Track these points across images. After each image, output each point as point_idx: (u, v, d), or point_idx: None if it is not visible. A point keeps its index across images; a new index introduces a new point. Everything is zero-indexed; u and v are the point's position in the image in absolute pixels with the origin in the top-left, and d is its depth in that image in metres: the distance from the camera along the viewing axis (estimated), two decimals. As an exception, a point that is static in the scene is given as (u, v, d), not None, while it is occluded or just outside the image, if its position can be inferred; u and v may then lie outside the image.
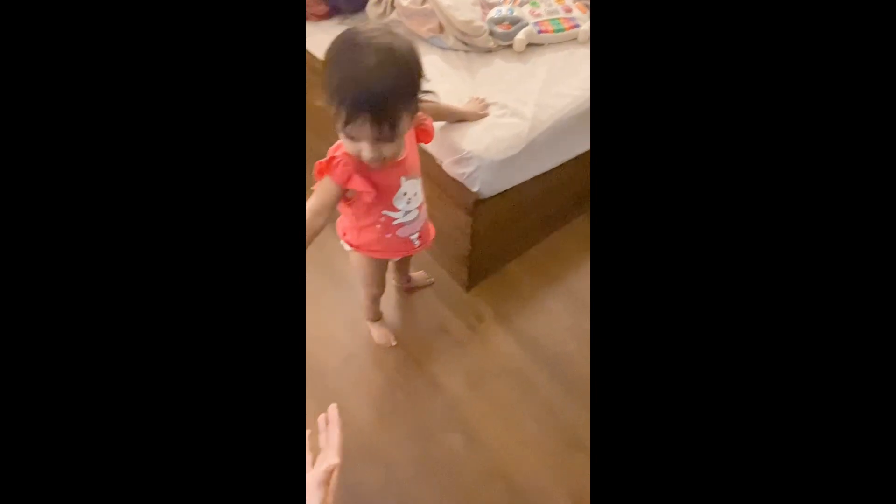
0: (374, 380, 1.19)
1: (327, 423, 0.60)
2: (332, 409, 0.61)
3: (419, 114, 0.78)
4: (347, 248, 0.97)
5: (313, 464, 0.58)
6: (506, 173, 1.04)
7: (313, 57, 1.37)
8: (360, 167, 0.76)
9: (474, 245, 1.18)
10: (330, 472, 0.53)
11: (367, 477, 1.02)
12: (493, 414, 1.12)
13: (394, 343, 1.21)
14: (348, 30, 0.68)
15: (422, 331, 1.28)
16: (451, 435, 1.09)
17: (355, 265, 1.03)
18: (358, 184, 0.76)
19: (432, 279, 1.33)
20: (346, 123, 0.67)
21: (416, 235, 0.93)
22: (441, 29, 1.23)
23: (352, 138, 0.70)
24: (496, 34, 1.22)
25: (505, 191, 1.09)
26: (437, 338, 1.26)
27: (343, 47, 0.67)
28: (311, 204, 0.76)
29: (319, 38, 1.34)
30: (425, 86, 0.73)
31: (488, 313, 1.31)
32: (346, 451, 1.05)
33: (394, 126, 0.68)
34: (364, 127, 0.67)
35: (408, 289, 1.32)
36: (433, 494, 1.00)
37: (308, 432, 0.60)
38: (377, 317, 1.22)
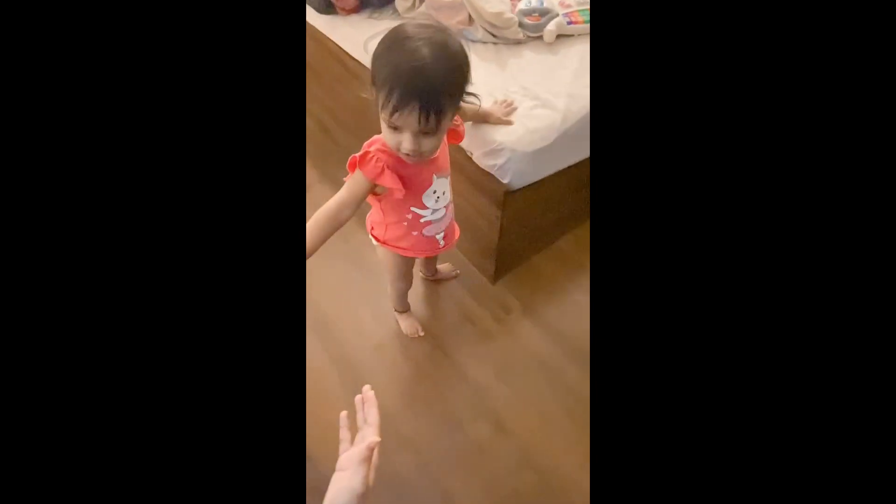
0: (403, 369, 1.20)
1: (364, 402, 0.61)
2: (367, 390, 0.62)
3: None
4: (374, 242, 0.98)
5: (352, 442, 0.59)
6: (537, 165, 1.04)
7: (342, 51, 1.39)
8: (393, 163, 0.77)
9: (502, 237, 1.18)
10: (371, 449, 0.54)
11: (398, 463, 1.04)
12: (520, 404, 1.13)
13: (421, 333, 1.23)
14: (400, 25, 0.69)
15: (449, 322, 1.29)
16: (480, 423, 1.10)
17: (382, 259, 1.04)
18: (388, 180, 0.77)
19: (458, 271, 1.34)
20: (394, 112, 0.68)
21: (442, 235, 0.94)
22: (470, 21, 1.24)
23: (395, 129, 0.71)
24: (526, 26, 1.22)
25: (534, 182, 1.09)
26: (463, 329, 1.27)
27: (397, 39, 0.68)
28: (340, 196, 0.77)
29: (346, 32, 1.36)
30: (469, 88, 0.73)
31: (515, 305, 1.31)
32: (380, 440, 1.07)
33: (439, 119, 0.69)
34: (411, 117, 0.67)
35: (434, 280, 1.33)
36: (464, 481, 1.02)
37: (344, 413, 0.62)
38: (405, 308, 1.23)
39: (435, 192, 0.85)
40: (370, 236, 0.99)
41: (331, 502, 0.53)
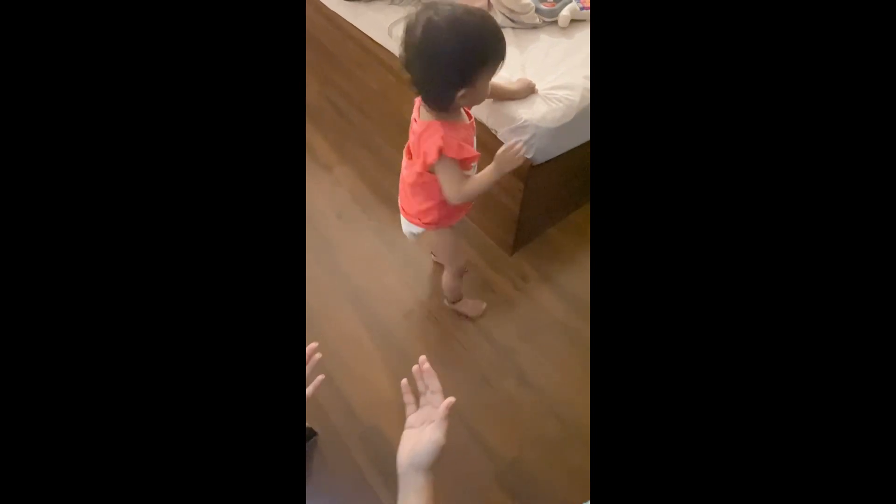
0: (433, 332, 1.30)
1: (422, 373, 0.69)
2: (423, 361, 0.69)
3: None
4: (420, 231, 1.04)
5: (417, 405, 0.67)
6: (557, 140, 1.13)
7: (366, 36, 1.46)
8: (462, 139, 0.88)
9: (523, 210, 1.28)
10: (449, 408, 0.63)
11: (434, 414, 1.14)
12: (543, 361, 1.24)
13: (484, 306, 1.31)
14: (441, 11, 0.78)
15: (471, 291, 1.39)
16: (507, 379, 1.21)
17: (444, 243, 1.11)
18: (467, 149, 0.87)
19: (468, 270, 1.40)
20: (489, 74, 0.82)
21: None
22: (489, 7, 1.31)
23: (472, 89, 0.82)
24: (541, 11, 1.30)
25: (554, 158, 1.18)
26: (485, 296, 1.37)
27: (482, 24, 0.80)
28: (451, 182, 0.88)
29: (371, 18, 1.43)
30: None
31: (532, 274, 1.41)
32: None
33: None
34: (495, 69, 0.83)
35: (437, 262, 1.41)
36: (495, 428, 1.13)
37: (405, 380, 0.69)
38: (461, 295, 1.29)
39: (474, 165, 0.95)
40: (417, 230, 1.04)
41: (413, 452, 0.61)
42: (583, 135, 1.21)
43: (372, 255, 1.44)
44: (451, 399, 0.63)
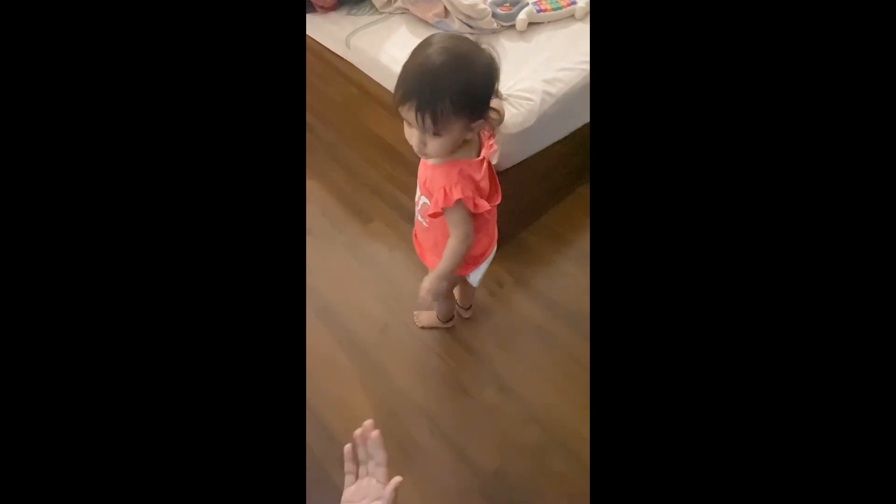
0: (411, 347, 1.28)
1: (367, 440, 0.61)
2: (369, 426, 0.62)
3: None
4: None
5: (356, 476, 0.60)
6: (521, 145, 1.13)
7: (324, 48, 1.43)
8: None
9: (492, 215, 1.27)
10: (396, 489, 0.56)
11: (415, 430, 1.12)
12: (522, 368, 1.23)
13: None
14: (432, 35, 0.73)
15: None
16: (486, 388, 1.20)
17: None
18: None
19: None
20: (398, 106, 0.73)
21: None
22: (446, 13, 1.30)
23: (408, 123, 0.75)
24: (498, 16, 1.30)
25: (519, 163, 1.18)
26: (461, 305, 1.36)
27: (419, 45, 0.71)
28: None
29: (328, 30, 1.40)
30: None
31: (507, 280, 1.40)
32: (395, 411, 1.15)
33: (434, 121, 0.72)
34: (410, 114, 0.73)
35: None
36: (475, 439, 1.11)
37: (348, 446, 0.61)
38: None
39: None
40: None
41: None
42: (546, 138, 1.20)
43: (344, 271, 1.41)
44: (397, 479, 0.56)
